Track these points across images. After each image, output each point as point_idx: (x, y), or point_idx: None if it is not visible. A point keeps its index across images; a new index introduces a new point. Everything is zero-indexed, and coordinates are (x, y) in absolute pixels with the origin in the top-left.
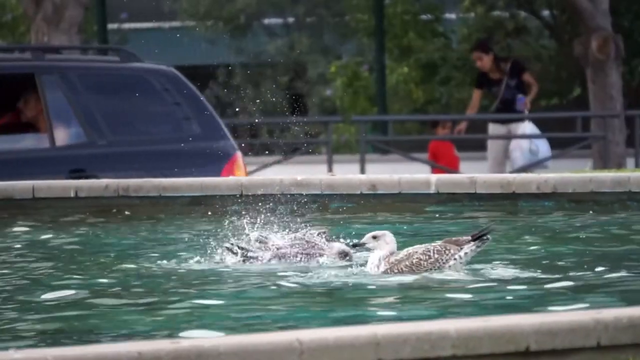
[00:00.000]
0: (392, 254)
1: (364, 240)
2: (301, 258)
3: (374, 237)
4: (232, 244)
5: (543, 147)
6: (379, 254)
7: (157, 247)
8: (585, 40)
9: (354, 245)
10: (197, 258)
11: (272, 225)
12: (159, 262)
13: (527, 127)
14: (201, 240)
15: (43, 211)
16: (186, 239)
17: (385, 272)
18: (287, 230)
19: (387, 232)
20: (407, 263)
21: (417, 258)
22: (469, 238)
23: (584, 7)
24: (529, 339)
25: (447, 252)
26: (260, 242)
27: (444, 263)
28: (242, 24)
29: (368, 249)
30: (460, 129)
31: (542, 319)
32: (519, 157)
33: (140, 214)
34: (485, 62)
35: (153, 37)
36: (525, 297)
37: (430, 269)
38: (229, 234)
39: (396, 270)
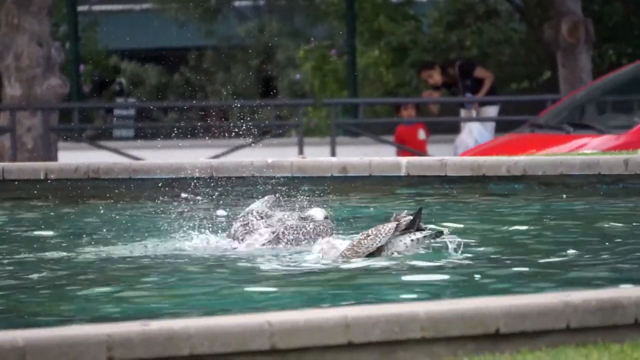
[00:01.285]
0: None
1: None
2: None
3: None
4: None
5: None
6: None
7: (128, 230)
8: (556, 24)
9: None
10: (168, 240)
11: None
12: (125, 244)
13: (475, 127)
14: (175, 222)
15: (13, 193)
16: (159, 222)
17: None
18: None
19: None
20: (350, 247)
21: (357, 240)
22: (409, 217)
23: None
24: (498, 321)
25: (383, 227)
26: (262, 217)
27: (382, 237)
28: (212, 7)
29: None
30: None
31: (512, 302)
32: (463, 140)
33: (110, 197)
34: (435, 77)
35: (123, 20)
36: (493, 279)
37: (371, 245)
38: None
39: (343, 256)
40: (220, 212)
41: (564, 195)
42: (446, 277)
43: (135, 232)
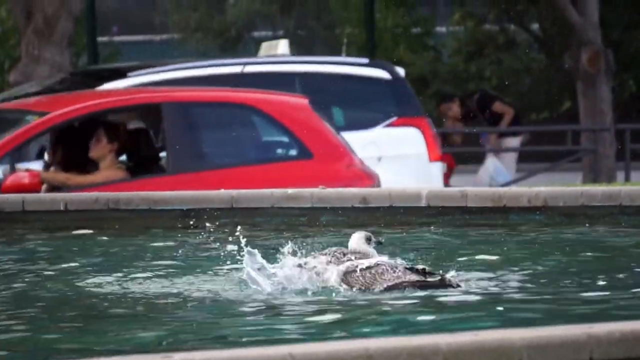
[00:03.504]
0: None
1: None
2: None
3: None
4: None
5: (500, 178)
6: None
7: (147, 261)
8: (576, 54)
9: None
10: (187, 274)
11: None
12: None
13: (494, 163)
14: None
15: (33, 224)
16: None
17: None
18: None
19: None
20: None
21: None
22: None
23: (574, 21)
24: (521, 353)
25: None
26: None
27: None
28: (232, 37)
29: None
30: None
31: (534, 333)
32: (480, 176)
33: (130, 228)
34: (454, 109)
35: (144, 50)
36: (516, 310)
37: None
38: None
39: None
40: (231, 247)
41: (587, 225)
42: (468, 307)
43: (163, 264)
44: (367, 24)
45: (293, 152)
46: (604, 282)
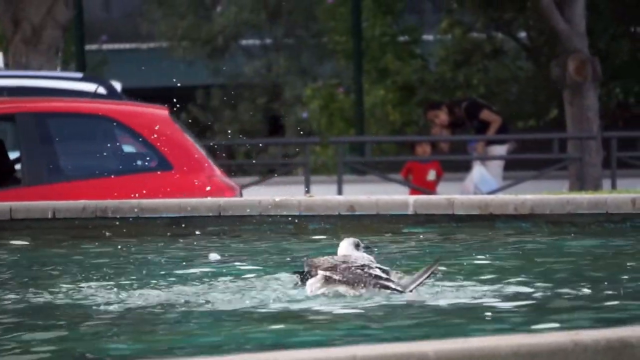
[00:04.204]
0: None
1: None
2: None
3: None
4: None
5: (484, 188)
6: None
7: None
8: (563, 62)
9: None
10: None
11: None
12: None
13: (480, 171)
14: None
15: (20, 232)
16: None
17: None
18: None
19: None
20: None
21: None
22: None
23: (561, 29)
24: None
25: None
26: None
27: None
28: (219, 45)
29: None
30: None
31: (521, 340)
32: (465, 185)
33: (118, 236)
34: (442, 117)
35: (131, 59)
36: (503, 318)
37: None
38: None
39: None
40: (214, 256)
41: (573, 233)
42: (455, 314)
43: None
44: (354, 32)
45: (152, 164)
46: (590, 290)
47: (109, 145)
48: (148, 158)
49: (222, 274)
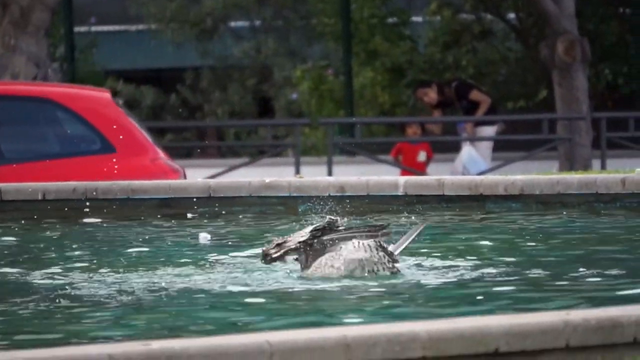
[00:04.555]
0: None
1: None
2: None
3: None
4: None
5: (473, 169)
6: None
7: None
8: (551, 43)
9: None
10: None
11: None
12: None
13: (468, 151)
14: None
15: (10, 214)
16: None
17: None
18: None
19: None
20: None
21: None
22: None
23: (550, 10)
24: (498, 340)
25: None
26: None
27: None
28: (208, 27)
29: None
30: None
31: (512, 320)
32: (454, 166)
33: (108, 217)
34: (431, 95)
35: (120, 41)
36: (494, 297)
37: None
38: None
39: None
40: (204, 236)
41: (563, 213)
42: (446, 295)
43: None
44: (343, 14)
45: (95, 147)
46: (581, 269)
47: (50, 128)
48: (90, 141)
49: (210, 254)
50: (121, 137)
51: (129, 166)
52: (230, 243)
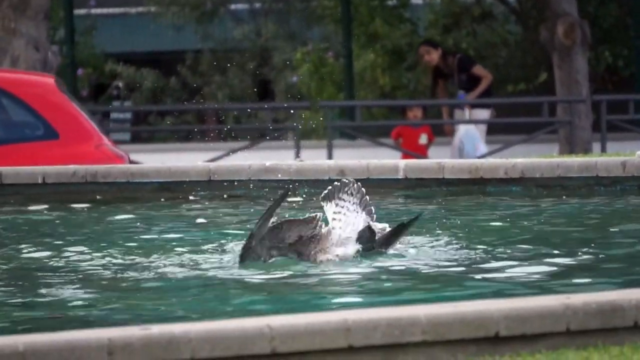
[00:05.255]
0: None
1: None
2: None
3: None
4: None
5: (468, 145)
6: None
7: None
8: (551, 26)
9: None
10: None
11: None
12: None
13: (467, 128)
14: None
15: (10, 197)
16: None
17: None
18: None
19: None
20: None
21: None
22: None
23: None
24: (499, 324)
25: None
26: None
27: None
28: (208, 10)
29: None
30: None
31: (512, 304)
32: (454, 143)
33: (108, 201)
34: (433, 56)
35: (120, 23)
36: (494, 281)
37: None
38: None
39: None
40: (200, 220)
41: (563, 196)
42: (446, 278)
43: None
44: None
45: (38, 133)
46: (581, 253)
47: None
48: (34, 127)
49: (206, 239)
50: (65, 123)
51: (73, 152)
52: (228, 227)
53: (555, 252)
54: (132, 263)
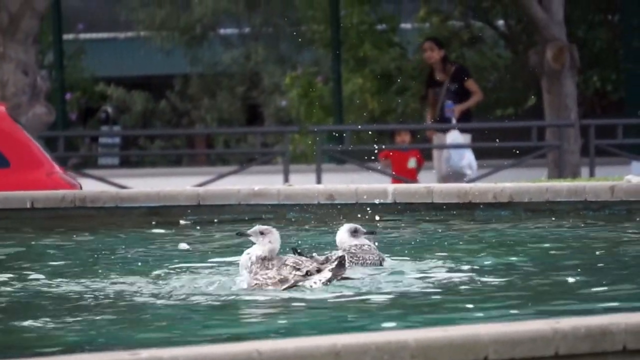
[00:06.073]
0: (267, 257)
1: (249, 231)
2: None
3: (261, 233)
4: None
5: (456, 156)
6: (254, 253)
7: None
8: (541, 50)
9: (238, 234)
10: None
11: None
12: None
13: (454, 136)
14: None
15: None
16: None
17: (252, 286)
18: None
19: (273, 230)
20: (274, 278)
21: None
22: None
23: (539, 17)
24: (488, 348)
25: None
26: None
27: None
28: (198, 34)
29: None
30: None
31: (501, 329)
32: (443, 165)
33: (97, 226)
34: (435, 54)
35: (109, 48)
36: (482, 305)
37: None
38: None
39: (263, 285)
40: (183, 245)
41: (552, 219)
42: (435, 302)
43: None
44: (332, 21)
45: None
46: (570, 278)
47: None
48: None
49: (186, 264)
50: (15, 150)
51: (24, 180)
52: (211, 252)
53: (544, 275)
54: (119, 289)
